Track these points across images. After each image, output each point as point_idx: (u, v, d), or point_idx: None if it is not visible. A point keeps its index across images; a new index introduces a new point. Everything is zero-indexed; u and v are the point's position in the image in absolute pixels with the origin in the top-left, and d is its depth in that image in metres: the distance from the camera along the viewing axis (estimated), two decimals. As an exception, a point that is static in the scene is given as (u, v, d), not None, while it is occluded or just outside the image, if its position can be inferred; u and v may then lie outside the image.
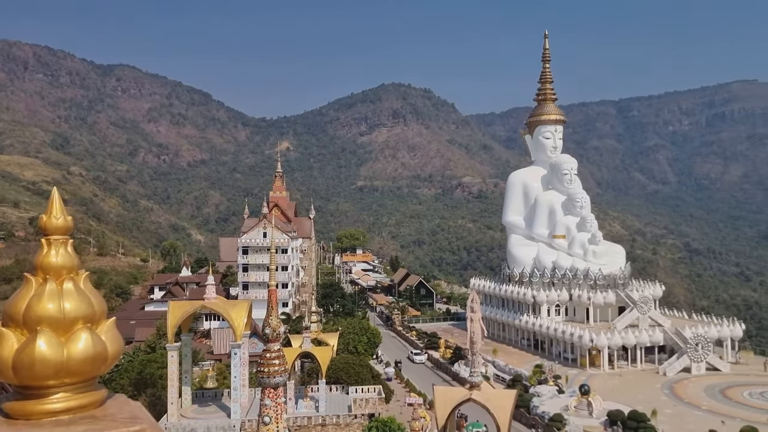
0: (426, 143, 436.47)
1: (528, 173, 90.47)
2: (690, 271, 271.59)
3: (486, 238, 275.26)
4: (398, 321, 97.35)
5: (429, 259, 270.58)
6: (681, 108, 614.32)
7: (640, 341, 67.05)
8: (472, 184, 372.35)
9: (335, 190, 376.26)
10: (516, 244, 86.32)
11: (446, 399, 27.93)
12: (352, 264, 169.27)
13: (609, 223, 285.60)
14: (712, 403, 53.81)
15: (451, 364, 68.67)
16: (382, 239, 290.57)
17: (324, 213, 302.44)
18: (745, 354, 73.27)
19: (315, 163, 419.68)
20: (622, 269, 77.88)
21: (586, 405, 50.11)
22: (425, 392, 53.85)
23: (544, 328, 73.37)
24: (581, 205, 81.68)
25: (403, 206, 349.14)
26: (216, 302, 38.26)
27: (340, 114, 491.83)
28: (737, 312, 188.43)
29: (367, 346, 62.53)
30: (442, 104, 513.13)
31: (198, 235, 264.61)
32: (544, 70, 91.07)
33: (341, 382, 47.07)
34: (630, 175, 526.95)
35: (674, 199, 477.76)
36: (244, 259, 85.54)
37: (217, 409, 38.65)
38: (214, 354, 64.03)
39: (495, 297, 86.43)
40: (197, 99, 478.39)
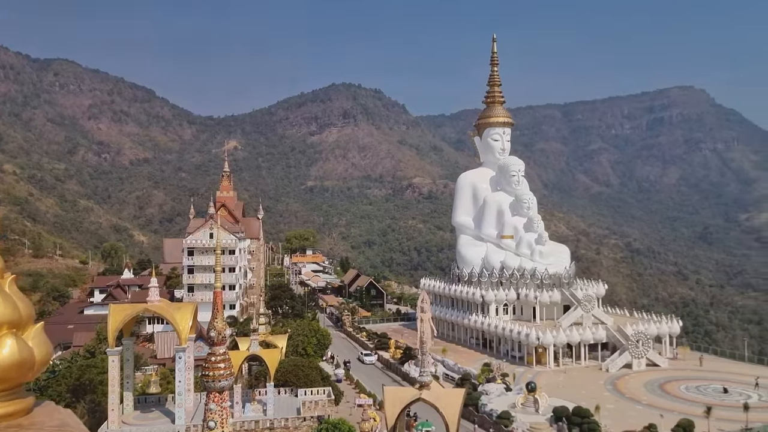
0: (376, 144, 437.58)
1: (477, 174, 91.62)
2: (631, 271, 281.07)
3: (436, 239, 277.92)
4: (348, 322, 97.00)
5: (379, 259, 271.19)
6: (623, 112, 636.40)
7: (584, 339, 68.77)
8: (423, 185, 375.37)
9: (284, 190, 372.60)
10: (465, 244, 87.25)
11: (396, 399, 27.84)
12: (302, 265, 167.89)
13: (555, 224, 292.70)
14: (652, 398, 55.64)
15: (402, 365, 68.78)
16: (333, 240, 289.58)
17: (273, 213, 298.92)
18: (682, 350, 76.17)
19: (264, 162, 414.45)
20: (567, 269, 79.73)
21: (533, 402, 50.98)
22: (375, 393, 53.73)
23: (492, 327, 74.37)
24: (528, 206, 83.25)
25: (353, 207, 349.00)
26: (159, 305, 37.19)
27: (289, 113, 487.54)
28: (675, 309, 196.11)
29: (316, 347, 61.94)
30: (392, 105, 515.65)
31: (141, 236, 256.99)
32: (493, 74, 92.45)
33: (290, 384, 46.38)
34: (575, 176, 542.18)
35: (616, 200, 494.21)
36: (190, 261, 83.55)
37: (161, 414, 37.60)
38: (158, 358, 62.22)
39: (445, 297, 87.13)
40: (140, 96, 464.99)
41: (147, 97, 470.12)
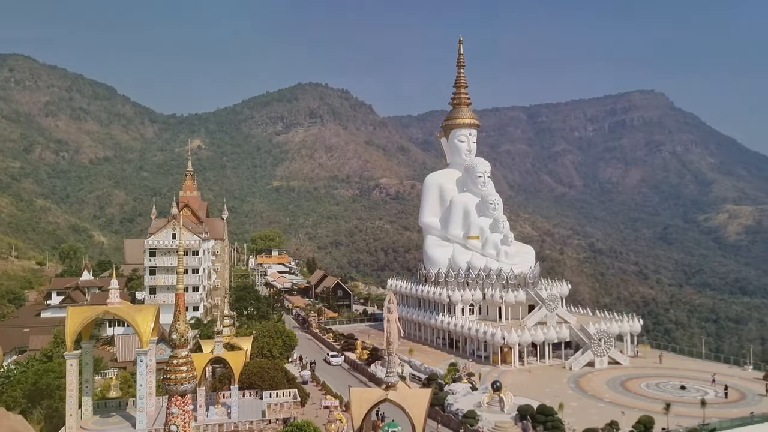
0: (344, 144, 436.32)
1: (444, 175, 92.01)
2: (594, 270, 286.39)
3: (403, 239, 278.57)
4: (315, 323, 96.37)
5: (346, 260, 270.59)
6: (586, 115, 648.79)
7: (548, 338, 69.65)
8: (390, 186, 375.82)
9: (250, 190, 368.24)
10: (432, 245, 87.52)
11: (362, 400, 27.65)
12: (268, 266, 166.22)
13: (520, 225, 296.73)
14: (614, 395, 56.65)
15: (368, 365, 68.60)
16: (299, 240, 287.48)
17: (238, 214, 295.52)
18: (642, 348, 77.82)
19: (228, 162, 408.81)
20: (532, 269, 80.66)
21: (498, 401, 51.37)
22: (342, 394, 53.47)
23: (458, 327, 74.77)
24: (494, 206, 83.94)
25: (320, 207, 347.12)
26: (120, 307, 36.43)
27: (255, 112, 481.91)
28: (636, 308, 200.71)
29: (282, 349, 61.32)
30: (359, 105, 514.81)
31: (101, 237, 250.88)
32: (459, 75, 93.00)
33: (255, 387, 45.82)
34: (540, 178, 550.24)
35: (580, 201, 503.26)
36: (152, 262, 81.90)
37: (122, 419, 36.87)
38: (119, 362, 60.85)
39: (411, 297, 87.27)
40: (101, 93, 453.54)
41: (107, 95, 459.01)
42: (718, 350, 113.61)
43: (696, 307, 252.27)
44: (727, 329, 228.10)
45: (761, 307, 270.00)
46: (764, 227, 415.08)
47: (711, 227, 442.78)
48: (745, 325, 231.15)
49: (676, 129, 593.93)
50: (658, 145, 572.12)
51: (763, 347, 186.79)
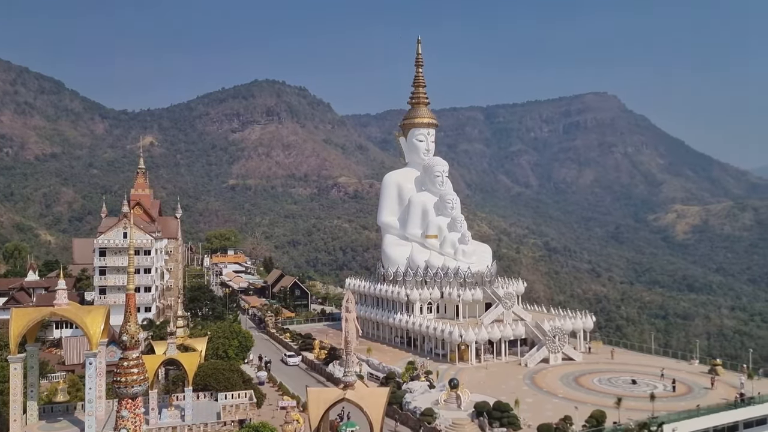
0: (301, 142, 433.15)
1: (402, 174, 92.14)
2: (549, 269, 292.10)
3: (362, 238, 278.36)
4: (272, 323, 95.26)
5: (304, 259, 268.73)
6: (541, 116, 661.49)
7: (504, 335, 70.51)
8: (348, 185, 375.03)
9: (205, 188, 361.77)
10: (390, 243, 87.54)
11: (320, 400, 27.41)
12: (223, 265, 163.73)
13: (477, 224, 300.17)
14: (567, 391, 57.72)
15: (326, 365, 68.16)
16: (256, 240, 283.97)
17: (192, 212, 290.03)
18: (595, 344, 79.50)
19: (182, 159, 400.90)
20: (489, 267, 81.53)
21: (455, 398, 51.73)
22: (299, 395, 52.95)
23: (416, 325, 75.01)
24: (452, 206, 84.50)
25: (277, 206, 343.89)
26: (68, 308, 35.41)
27: (210, 109, 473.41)
28: (589, 305, 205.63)
29: (238, 350, 60.35)
30: (317, 103, 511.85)
31: (48, 236, 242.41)
32: (417, 75, 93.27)
33: (210, 388, 45.06)
34: (497, 178, 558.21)
35: (535, 201, 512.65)
36: (102, 262, 79.52)
37: (69, 424, 36.03)
38: (66, 365, 58.83)
39: (370, 296, 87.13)
40: (47, 87, 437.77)
41: (55, 89, 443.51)
42: (666, 345, 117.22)
43: (646, 304, 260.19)
44: (675, 325, 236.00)
45: (707, 304, 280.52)
46: (710, 227, 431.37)
47: (660, 226, 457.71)
48: (692, 321, 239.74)
49: (628, 131, 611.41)
50: (610, 146, 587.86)
51: (708, 342, 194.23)
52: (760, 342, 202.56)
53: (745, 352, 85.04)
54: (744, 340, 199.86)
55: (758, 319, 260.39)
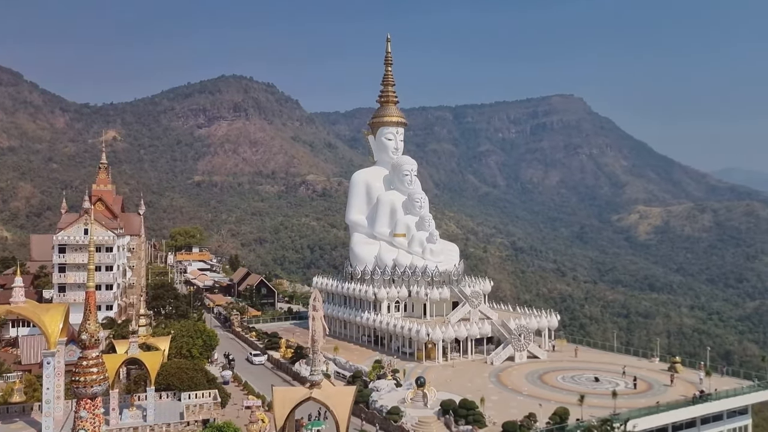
0: (269, 139, 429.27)
1: (371, 173, 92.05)
2: (515, 268, 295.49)
3: (330, 237, 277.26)
4: (237, 322, 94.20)
5: (271, 257, 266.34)
6: (509, 117, 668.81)
7: (471, 334, 71.06)
8: (316, 182, 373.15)
9: (169, 184, 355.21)
10: (358, 242, 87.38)
11: (285, 399, 27.11)
12: (188, 263, 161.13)
13: (445, 223, 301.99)
14: (532, 388, 58.47)
15: (292, 364, 67.71)
16: (221, 237, 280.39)
17: (156, 209, 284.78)
18: (559, 342, 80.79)
19: (146, 155, 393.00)
20: (456, 266, 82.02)
21: (422, 396, 51.91)
22: (264, 394, 52.45)
23: (384, 324, 75.04)
24: (420, 205, 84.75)
25: (244, 203, 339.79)
26: (25, 306, 34.44)
27: (175, 104, 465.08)
28: (554, 304, 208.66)
29: (202, 349, 59.38)
30: (285, 100, 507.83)
31: (4, 232, 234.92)
32: (387, 74, 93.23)
33: (173, 388, 44.34)
34: (465, 177, 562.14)
35: (503, 201, 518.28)
36: (61, 259, 77.39)
37: (26, 425, 35.14)
38: (23, 364, 57.08)
39: (337, 295, 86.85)
40: (4, 79, 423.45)
41: (13, 81, 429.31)
42: (628, 344, 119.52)
43: (609, 303, 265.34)
44: (636, 324, 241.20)
45: (667, 303, 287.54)
46: (671, 227, 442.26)
47: (623, 227, 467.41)
48: (653, 319, 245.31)
49: (593, 132, 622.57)
50: (575, 148, 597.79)
51: (668, 340, 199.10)
52: (718, 340, 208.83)
53: (703, 350, 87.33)
54: (702, 339, 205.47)
55: (716, 318, 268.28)
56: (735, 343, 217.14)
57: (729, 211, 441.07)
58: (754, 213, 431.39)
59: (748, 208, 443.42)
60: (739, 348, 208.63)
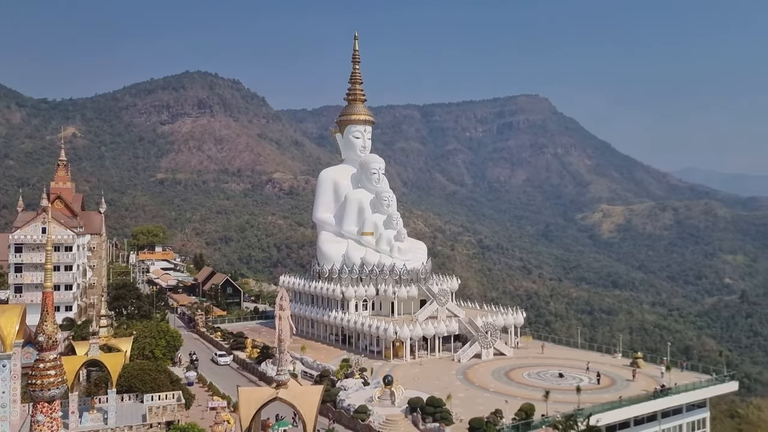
0: (235, 136, 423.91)
1: (338, 171, 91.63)
2: (482, 266, 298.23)
3: (297, 235, 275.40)
4: (202, 322, 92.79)
5: (237, 256, 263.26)
6: (476, 116, 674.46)
7: (438, 331, 71.34)
8: (283, 180, 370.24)
9: (131, 182, 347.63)
10: (326, 240, 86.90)
11: (251, 400, 26.67)
12: (150, 262, 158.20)
13: (413, 221, 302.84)
14: (498, 385, 58.97)
15: (259, 364, 66.99)
16: (185, 236, 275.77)
17: (118, 207, 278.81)
18: (525, 339, 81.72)
19: (107, 152, 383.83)
20: (424, 264, 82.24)
21: (389, 395, 51.87)
22: (230, 395, 51.72)
23: (351, 322, 74.80)
24: (388, 203, 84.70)
25: (209, 201, 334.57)
26: (-23, 307, 32.95)
27: (137, 100, 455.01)
28: (520, 301, 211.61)
29: (166, 350, 58.32)
30: (252, 97, 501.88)
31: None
32: (354, 71, 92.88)
33: (135, 390, 43.47)
34: (432, 176, 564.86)
35: (470, 199, 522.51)
36: (17, 258, 75.04)
37: None
38: (-22, 368, 55.03)
39: (305, 294, 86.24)
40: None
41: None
42: (592, 340, 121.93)
43: (573, 300, 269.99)
44: (600, 320, 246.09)
45: (629, 300, 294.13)
46: (633, 226, 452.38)
47: (587, 225, 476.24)
48: (616, 316, 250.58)
49: (558, 132, 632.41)
50: (541, 147, 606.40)
51: (631, 336, 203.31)
52: (678, 336, 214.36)
53: (664, 345, 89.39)
54: (663, 334, 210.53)
55: (676, 314, 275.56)
56: (694, 339, 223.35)
57: (688, 210, 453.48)
58: (712, 212, 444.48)
59: (706, 206, 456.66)
60: (698, 343, 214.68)
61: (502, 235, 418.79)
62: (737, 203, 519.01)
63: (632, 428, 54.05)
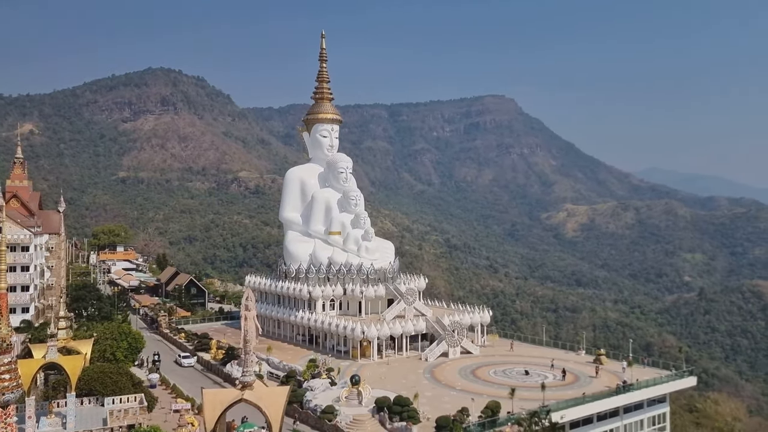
0: (199, 134, 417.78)
1: (305, 170, 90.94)
2: (450, 265, 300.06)
3: (263, 235, 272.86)
4: (165, 323, 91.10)
5: (201, 256, 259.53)
6: (443, 116, 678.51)
7: (406, 330, 71.39)
8: (249, 179, 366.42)
9: (92, 180, 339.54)
10: (293, 240, 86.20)
11: (216, 401, 26.16)
12: (112, 263, 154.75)
13: (381, 220, 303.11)
14: (465, 383, 59.28)
15: (223, 365, 66.05)
16: (148, 235, 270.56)
17: (78, 206, 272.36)
18: (491, 337, 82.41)
19: (67, 149, 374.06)
20: (391, 264, 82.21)
21: (357, 395, 51.68)
22: (194, 397, 50.83)
23: (318, 322, 74.33)
24: (356, 202, 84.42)
25: (172, 200, 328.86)
26: (-73, 310, 31.55)
27: (98, 96, 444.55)
28: (486, 300, 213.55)
29: (127, 352, 56.98)
30: (216, 95, 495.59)
31: None
32: (321, 70, 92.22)
33: (96, 393, 42.40)
34: (400, 175, 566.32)
35: (437, 199, 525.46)
36: (-27, 259, 72.52)
37: None
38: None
39: (271, 294, 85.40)
40: None
41: None
42: (557, 337, 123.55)
43: (539, 298, 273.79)
44: (564, 318, 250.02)
45: (593, 298, 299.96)
46: (596, 225, 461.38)
47: (552, 225, 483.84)
48: (580, 313, 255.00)
49: (524, 133, 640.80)
50: (507, 147, 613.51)
51: (594, 334, 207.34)
52: (639, 333, 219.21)
53: (626, 342, 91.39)
54: (625, 331, 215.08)
55: (638, 312, 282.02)
56: (655, 335, 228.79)
57: (650, 209, 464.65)
58: (672, 211, 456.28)
59: (667, 206, 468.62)
60: (659, 340, 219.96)
61: (469, 234, 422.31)
62: (696, 203, 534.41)
63: (595, 424, 54.96)
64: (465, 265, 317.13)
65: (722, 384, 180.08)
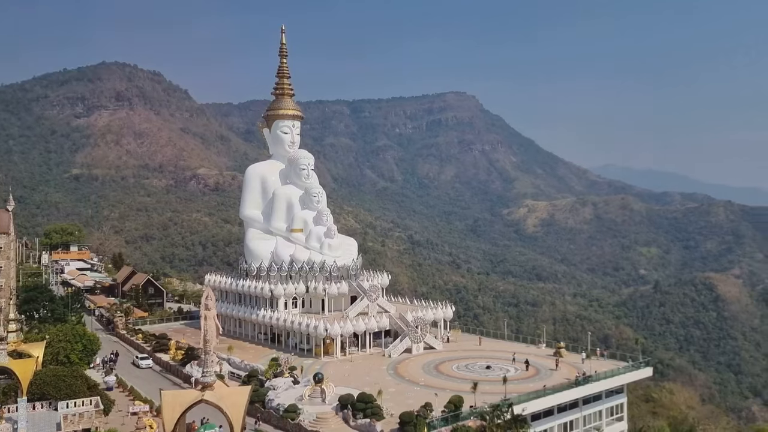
0: (156, 130, 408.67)
1: (266, 167, 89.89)
2: (413, 261, 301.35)
3: (223, 233, 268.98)
4: (121, 324, 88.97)
5: (159, 255, 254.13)
6: (406, 113, 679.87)
7: (369, 327, 71.27)
8: (208, 176, 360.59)
9: (43, 178, 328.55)
10: (254, 238, 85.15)
11: (175, 403, 25.48)
12: (65, 263, 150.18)
13: (344, 217, 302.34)
14: (428, 378, 59.56)
15: (183, 366, 64.82)
16: (103, 234, 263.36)
17: (28, 204, 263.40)
18: (454, 332, 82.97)
19: (16, 146, 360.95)
20: (354, 261, 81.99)
21: (320, 393, 51.35)
22: (153, 399, 49.72)
23: (281, 321, 73.60)
24: (318, 199, 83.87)
25: (128, 198, 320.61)
26: None
27: (49, 91, 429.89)
28: (449, 296, 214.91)
29: (82, 354, 55.32)
30: (174, 90, 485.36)
31: None
32: (282, 65, 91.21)
33: (49, 397, 41.08)
34: (362, 172, 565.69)
35: (400, 195, 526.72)
36: None
37: None
38: None
39: (232, 293, 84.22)
40: None
41: None
42: (518, 331, 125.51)
43: (500, 293, 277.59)
44: (525, 312, 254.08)
45: (553, 292, 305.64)
46: (555, 220, 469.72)
47: (513, 220, 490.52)
48: (540, 307, 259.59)
49: (485, 129, 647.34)
50: (469, 144, 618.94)
51: (554, 327, 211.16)
52: (597, 325, 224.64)
53: (584, 334, 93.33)
54: (584, 324, 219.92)
55: (596, 305, 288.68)
56: (612, 328, 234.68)
57: (607, 205, 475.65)
58: (628, 206, 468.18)
59: (623, 201, 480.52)
60: (616, 332, 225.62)
61: (431, 230, 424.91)
62: (651, 198, 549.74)
63: (556, 415, 55.89)
64: (428, 261, 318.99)
65: (677, 374, 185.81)
